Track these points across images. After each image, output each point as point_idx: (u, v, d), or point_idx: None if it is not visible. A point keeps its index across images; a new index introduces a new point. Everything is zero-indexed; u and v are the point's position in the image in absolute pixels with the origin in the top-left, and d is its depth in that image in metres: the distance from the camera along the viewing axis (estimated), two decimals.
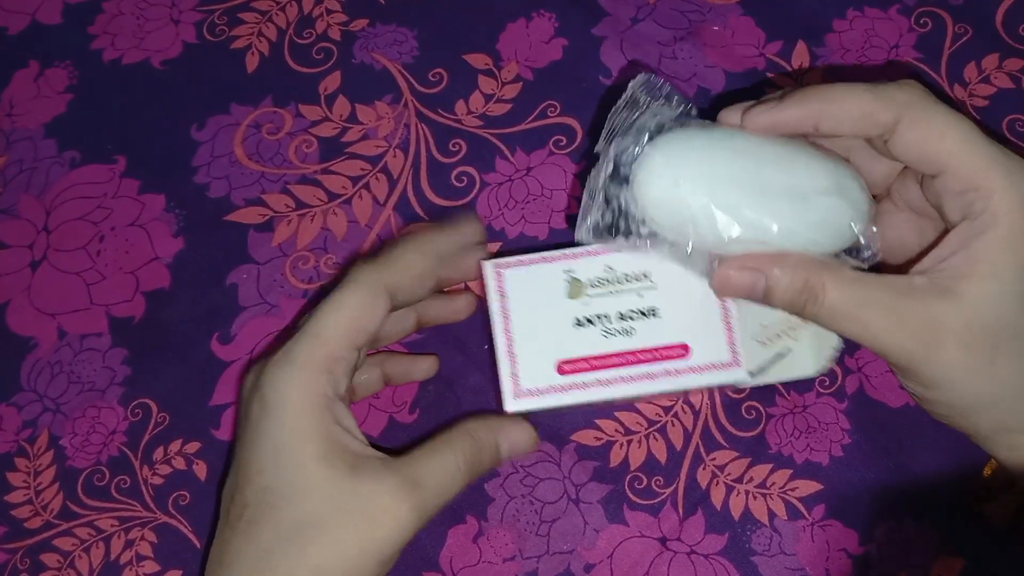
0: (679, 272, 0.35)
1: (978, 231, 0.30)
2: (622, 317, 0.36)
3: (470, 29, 0.49)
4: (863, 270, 0.33)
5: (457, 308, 0.41)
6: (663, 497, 0.39)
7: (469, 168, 0.46)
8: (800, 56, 0.48)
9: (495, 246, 0.44)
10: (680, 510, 0.39)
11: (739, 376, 0.36)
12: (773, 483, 0.39)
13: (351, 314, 0.34)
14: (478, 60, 0.48)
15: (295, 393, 0.33)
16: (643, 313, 0.36)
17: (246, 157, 0.47)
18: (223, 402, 0.42)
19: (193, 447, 0.42)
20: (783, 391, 0.41)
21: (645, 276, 0.36)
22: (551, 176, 0.45)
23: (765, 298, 0.32)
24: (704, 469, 0.40)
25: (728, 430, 0.40)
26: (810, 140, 0.36)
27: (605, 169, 0.34)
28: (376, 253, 0.37)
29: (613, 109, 0.35)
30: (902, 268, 0.38)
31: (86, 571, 0.39)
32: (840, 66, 0.47)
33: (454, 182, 0.45)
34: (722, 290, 0.33)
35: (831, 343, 0.39)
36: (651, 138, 0.33)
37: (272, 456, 0.33)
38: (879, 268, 0.35)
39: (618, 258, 0.36)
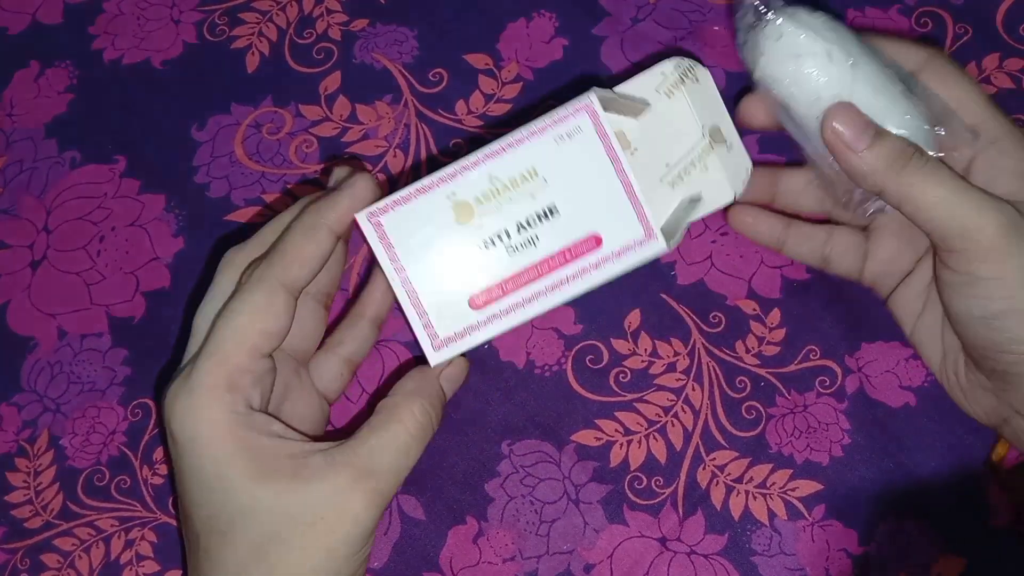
0: (567, 155, 0.32)
1: None
2: (521, 228, 0.33)
3: (470, 29, 0.49)
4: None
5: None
6: (663, 497, 0.39)
7: None
8: None
9: None
10: (680, 510, 0.39)
11: (657, 248, 0.33)
12: (773, 483, 0.39)
13: (247, 322, 0.31)
14: (478, 60, 0.48)
15: (202, 426, 0.31)
16: (542, 216, 0.33)
17: (246, 157, 0.47)
18: None
19: None
20: (783, 391, 0.41)
21: (533, 173, 0.32)
22: None
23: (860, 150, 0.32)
24: (704, 469, 0.40)
25: (728, 430, 0.40)
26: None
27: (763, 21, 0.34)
28: (254, 239, 0.34)
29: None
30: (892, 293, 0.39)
31: (86, 571, 0.39)
32: None
33: None
34: (832, 114, 0.33)
35: (744, 164, 0.38)
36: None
37: (204, 491, 0.31)
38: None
39: (499, 163, 0.32)
